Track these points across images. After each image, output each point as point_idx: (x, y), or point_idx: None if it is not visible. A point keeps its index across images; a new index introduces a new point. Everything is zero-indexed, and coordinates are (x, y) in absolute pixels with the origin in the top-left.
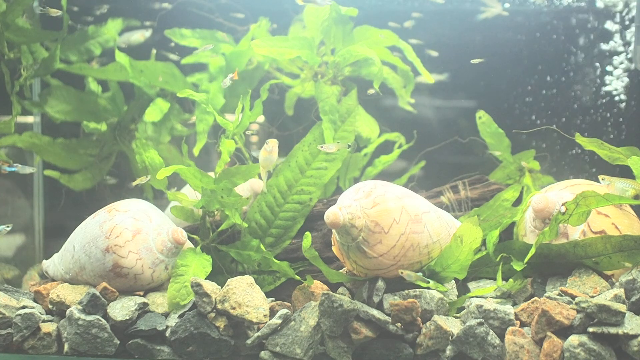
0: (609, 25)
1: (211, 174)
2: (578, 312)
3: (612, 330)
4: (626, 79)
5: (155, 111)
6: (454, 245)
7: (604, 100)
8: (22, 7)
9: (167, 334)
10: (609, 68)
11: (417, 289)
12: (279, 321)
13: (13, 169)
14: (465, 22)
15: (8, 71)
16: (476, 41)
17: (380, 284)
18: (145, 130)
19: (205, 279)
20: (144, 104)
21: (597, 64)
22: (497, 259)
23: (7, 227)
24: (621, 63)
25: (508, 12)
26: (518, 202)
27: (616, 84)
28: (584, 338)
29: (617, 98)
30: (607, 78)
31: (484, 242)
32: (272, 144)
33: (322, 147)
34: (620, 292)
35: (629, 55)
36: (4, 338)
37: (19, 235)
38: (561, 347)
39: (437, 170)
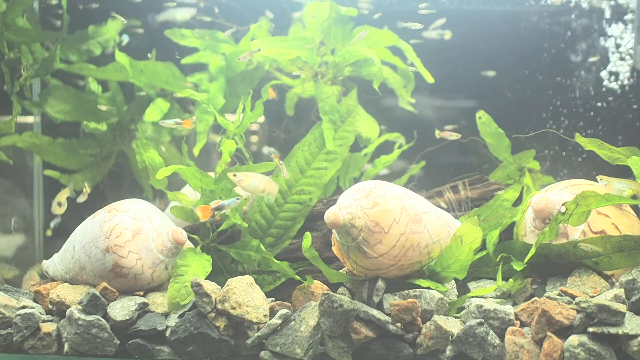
0: (610, 24)
1: (211, 174)
2: (578, 312)
3: (612, 330)
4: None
5: (155, 111)
6: (454, 245)
7: (605, 100)
8: (22, 7)
9: (167, 334)
10: (610, 68)
11: (417, 289)
12: (279, 321)
13: None
14: (465, 20)
15: (8, 71)
16: (476, 40)
17: (380, 284)
18: (145, 130)
19: (205, 279)
20: (144, 104)
21: (599, 64)
22: (497, 259)
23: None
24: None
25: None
26: (518, 202)
27: (618, 83)
28: (584, 338)
29: (618, 98)
30: (607, 78)
31: (484, 242)
32: (239, 177)
33: None
34: (620, 292)
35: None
36: (4, 338)
37: (19, 235)
38: (561, 347)
39: (437, 170)
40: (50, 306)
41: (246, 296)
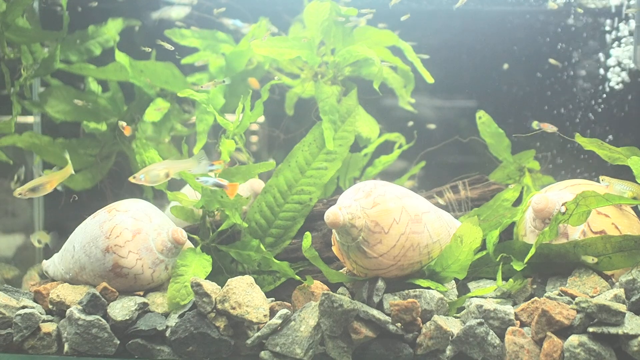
0: (609, 24)
1: (211, 174)
2: (578, 312)
3: (612, 330)
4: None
5: (155, 111)
6: (454, 245)
7: (605, 100)
8: (22, 7)
9: (167, 334)
10: (610, 68)
11: (417, 289)
12: (279, 321)
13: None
14: (466, 19)
15: (8, 71)
16: (477, 39)
17: (380, 284)
18: (145, 130)
19: (205, 279)
20: (144, 104)
21: (599, 64)
22: (497, 259)
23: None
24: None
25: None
26: (518, 202)
27: (617, 83)
28: (584, 338)
29: (618, 98)
30: (609, 78)
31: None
32: (138, 176)
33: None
34: (620, 292)
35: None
36: (4, 338)
37: (19, 235)
38: (561, 347)
39: (437, 170)
40: (50, 306)
41: (246, 296)
